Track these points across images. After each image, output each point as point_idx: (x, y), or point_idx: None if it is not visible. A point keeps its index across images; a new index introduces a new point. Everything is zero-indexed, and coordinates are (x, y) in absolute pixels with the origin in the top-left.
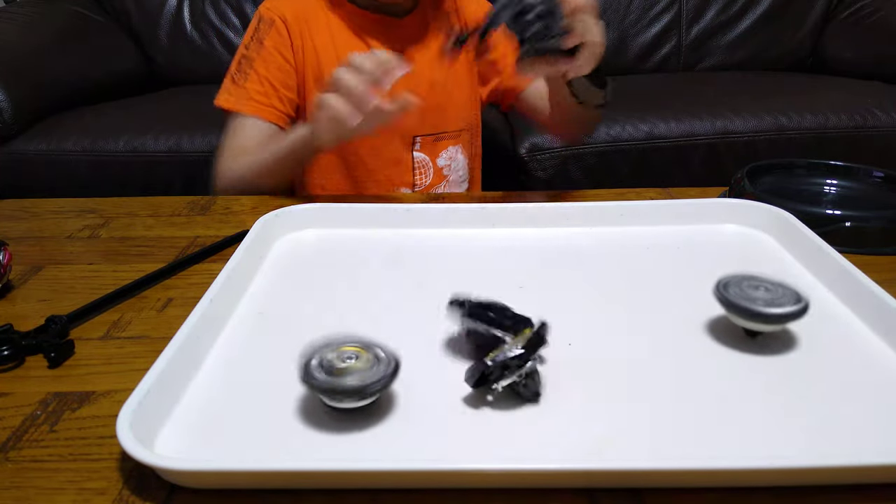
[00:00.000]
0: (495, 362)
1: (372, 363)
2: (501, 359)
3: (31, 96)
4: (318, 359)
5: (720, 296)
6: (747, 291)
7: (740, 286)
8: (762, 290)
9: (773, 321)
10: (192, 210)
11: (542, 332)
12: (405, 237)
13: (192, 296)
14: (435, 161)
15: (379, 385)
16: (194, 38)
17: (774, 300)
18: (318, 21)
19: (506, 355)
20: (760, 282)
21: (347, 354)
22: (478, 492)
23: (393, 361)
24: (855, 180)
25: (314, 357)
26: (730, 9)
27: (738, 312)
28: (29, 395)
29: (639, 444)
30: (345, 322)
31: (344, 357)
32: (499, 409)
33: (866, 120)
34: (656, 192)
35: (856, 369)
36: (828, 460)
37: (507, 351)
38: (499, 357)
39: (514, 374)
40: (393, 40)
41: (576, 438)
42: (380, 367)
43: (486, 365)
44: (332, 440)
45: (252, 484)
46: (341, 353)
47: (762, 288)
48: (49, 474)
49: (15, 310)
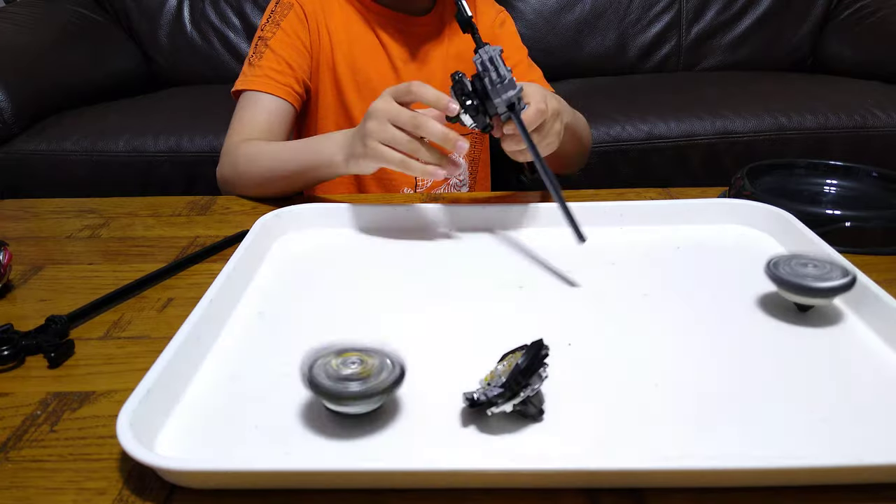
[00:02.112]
0: (484, 397)
1: (377, 369)
2: (487, 396)
3: (31, 96)
4: (323, 363)
5: (771, 274)
6: (797, 269)
7: (790, 264)
8: (811, 267)
9: (824, 295)
10: (192, 210)
11: (531, 361)
12: (405, 237)
13: (192, 296)
14: None
15: (383, 390)
16: (194, 39)
17: (823, 275)
18: (334, 12)
19: (491, 392)
20: (808, 259)
21: (352, 360)
22: (478, 492)
23: (398, 367)
24: (855, 180)
25: (318, 361)
26: (730, 9)
27: (791, 289)
28: (29, 395)
29: (639, 444)
30: (344, 322)
31: (349, 362)
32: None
33: (866, 120)
34: (656, 192)
35: (856, 369)
36: (828, 460)
37: (492, 387)
38: (485, 394)
39: (506, 403)
40: (407, 38)
41: (576, 438)
42: (385, 373)
43: (474, 399)
44: (331, 440)
45: (251, 484)
46: (346, 358)
47: (810, 265)
48: (49, 474)
49: (15, 310)
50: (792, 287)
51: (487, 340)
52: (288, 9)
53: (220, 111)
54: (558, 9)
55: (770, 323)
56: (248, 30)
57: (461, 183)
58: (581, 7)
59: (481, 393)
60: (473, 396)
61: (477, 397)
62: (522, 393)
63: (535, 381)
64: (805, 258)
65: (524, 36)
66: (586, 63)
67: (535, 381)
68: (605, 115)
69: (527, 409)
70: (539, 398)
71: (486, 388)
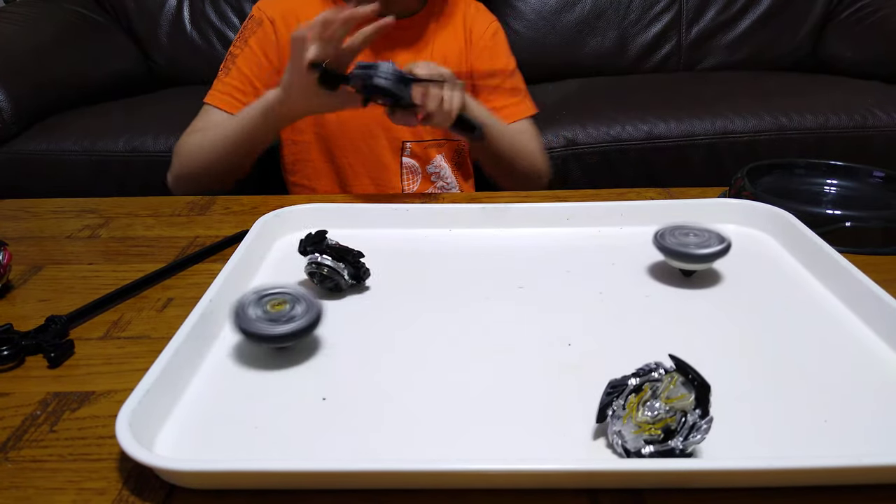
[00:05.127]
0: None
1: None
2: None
3: (30, 96)
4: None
5: (657, 243)
6: (680, 238)
7: (674, 234)
8: (692, 236)
9: (702, 260)
10: (191, 210)
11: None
12: (405, 237)
13: (191, 296)
14: (425, 168)
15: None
16: (194, 38)
17: (702, 243)
18: (311, 17)
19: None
20: (689, 229)
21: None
22: (479, 492)
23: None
24: (855, 180)
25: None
26: (730, 9)
27: (674, 256)
28: (29, 395)
29: None
30: (343, 321)
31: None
32: (500, 408)
33: (867, 120)
34: (656, 192)
35: (856, 369)
36: (828, 461)
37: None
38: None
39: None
40: (388, 41)
41: (576, 438)
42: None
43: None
44: (331, 440)
45: (251, 484)
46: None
47: (692, 234)
48: (49, 474)
49: (15, 310)
50: (675, 254)
51: (487, 340)
52: (257, 25)
53: None
54: (558, 9)
55: (769, 323)
56: None
57: (449, 187)
58: (581, 7)
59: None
60: (629, 448)
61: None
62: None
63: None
64: (686, 228)
65: (524, 36)
66: (586, 63)
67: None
68: (605, 115)
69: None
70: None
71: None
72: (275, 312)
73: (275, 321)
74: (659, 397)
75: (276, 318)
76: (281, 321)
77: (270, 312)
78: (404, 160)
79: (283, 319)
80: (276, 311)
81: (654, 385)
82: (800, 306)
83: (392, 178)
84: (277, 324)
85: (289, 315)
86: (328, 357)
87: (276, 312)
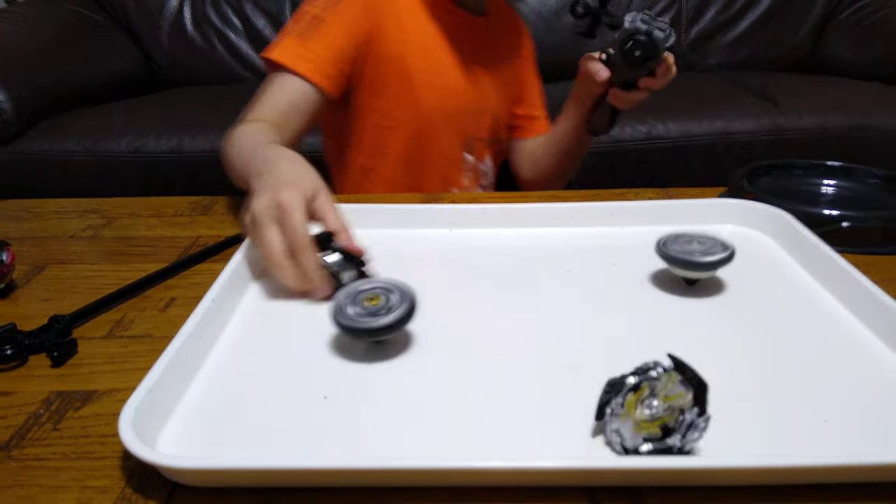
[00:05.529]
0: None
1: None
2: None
3: (31, 97)
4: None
5: (660, 252)
6: (684, 246)
7: (677, 242)
8: (696, 244)
9: (706, 268)
10: (194, 210)
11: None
12: (405, 237)
13: (194, 295)
14: (478, 165)
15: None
16: (195, 39)
17: (707, 250)
18: (401, 1)
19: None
20: (693, 237)
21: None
22: (479, 490)
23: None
24: (854, 180)
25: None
26: (730, 9)
27: (677, 264)
28: (32, 394)
29: None
30: None
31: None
32: (499, 407)
33: (866, 120)
34: (656, 192)
35: (854, 369)
36: (828, 460)
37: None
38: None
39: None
40: (464, 34)
41: (577, 437)
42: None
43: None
44: (333, 438)
45: (253, 482)
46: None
47: (695, 242)
48: (52, 472)
49: (18, 309)
50: (679, 262)
51: (487, 340)
52: None
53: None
54: (558, 9)
55: (768, 323)
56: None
57: (488, 186)
58: None
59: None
60: (626, 446)
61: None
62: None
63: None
64: (689, 236)
65: None
66: None
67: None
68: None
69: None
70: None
71: (649, 434)
72: (372, 306)
73: (375, 315)
74: (657, 396)
75: (374, 311)
76: (380, 314)
77: (368, 307)
78: (466, 157)
79: (381, 312)
80: (373, 305)
81: (652, 383)
82: (798, 306)
83: (456, 174)
84: (379, 316)
85: (386, 306)
86: (329, 355)
87: (374, 306)
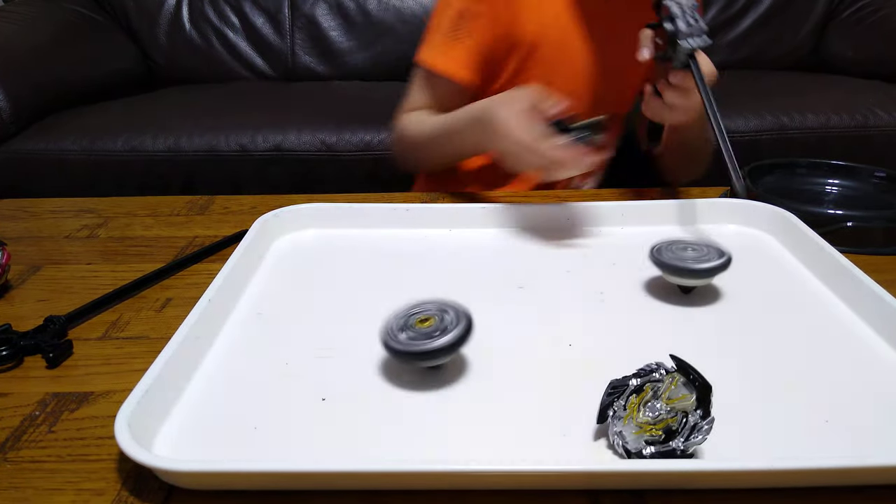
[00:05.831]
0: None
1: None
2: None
3: (29, 95)
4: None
5: (654, 259)
6: (678, 253)
7: (671, 249)
8: (690, 251)
9: (701, 276)
10: (190, 210)
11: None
12: (405, 237)
13: (190, 296)
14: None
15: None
16: (193, 38)
17: (701, 257)
18: None
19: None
20: (687, 243)
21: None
22: (480, 493)
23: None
24: (857, 180)
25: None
26: (730, 8)
27: (671, 271)
28: (27, 396)
29: None
30: (344, 321)
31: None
32: (500, 409)
33: (868, 119)
34: (656, 192)
35: (857, 369)
36: (828, 461)
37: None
38: (683, 425)
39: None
40: (603, 17)
41: (577, 438)
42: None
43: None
44: (330, 441)
45: (250, 485)
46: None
47: (689, 248)
48: (47, 475)
49: (13, 310)
50: (672, 269)
51: (487, 340)
52: None
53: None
54: None
55: (770, 323)
56: (248, 29)
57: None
58: None
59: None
60: (629, 448)
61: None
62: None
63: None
64: (684, 242)
65: None
66: None
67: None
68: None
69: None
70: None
71: (652, 437)
72: (426, 328)
73: (429, 336)
74: (660, 398)
75: (428, 333)
76: (435, 336)
77: (421, 329)
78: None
79: (436, 334)
80: (426, 328)
81: (655, 385)
82: (801, 306)
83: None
84: (433, 339)
85: (441, 327)
86: (327, 357)
87: (428, 328)
